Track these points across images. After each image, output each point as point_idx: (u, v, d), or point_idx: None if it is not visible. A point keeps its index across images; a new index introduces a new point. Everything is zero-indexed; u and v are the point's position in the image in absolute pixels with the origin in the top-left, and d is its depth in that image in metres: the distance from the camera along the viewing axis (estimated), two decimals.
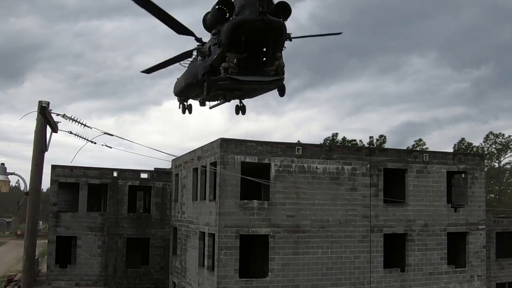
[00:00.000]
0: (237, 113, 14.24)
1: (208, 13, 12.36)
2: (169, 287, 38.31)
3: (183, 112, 15.83)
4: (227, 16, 11.75)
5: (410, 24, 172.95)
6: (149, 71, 15.19)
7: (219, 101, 14.33)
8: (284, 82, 12.39)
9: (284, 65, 12.14)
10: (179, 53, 13.98)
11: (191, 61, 14.21)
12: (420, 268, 30.86)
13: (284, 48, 12.10)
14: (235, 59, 11.86)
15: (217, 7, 11.75)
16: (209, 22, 12.29)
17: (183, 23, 12.24)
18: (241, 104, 14.20)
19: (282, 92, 12.54)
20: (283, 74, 12.15)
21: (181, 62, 14.43)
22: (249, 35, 11.75)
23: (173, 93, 15.83)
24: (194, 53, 13.57)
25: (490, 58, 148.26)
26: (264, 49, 12.47)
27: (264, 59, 12.49)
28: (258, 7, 11.11)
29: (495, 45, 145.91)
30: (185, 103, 15.73)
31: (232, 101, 14.16)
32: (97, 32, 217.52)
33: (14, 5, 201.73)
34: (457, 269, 32.04)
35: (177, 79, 15.50)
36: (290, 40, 12.03)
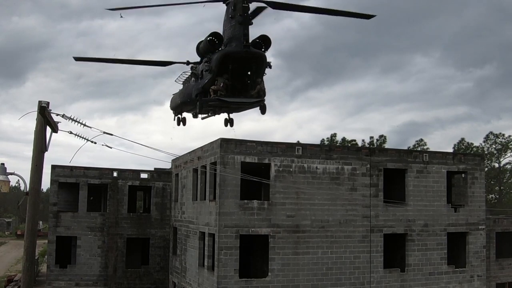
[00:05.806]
0: (225, 125, 16.25)
1: (201, 42, 14.78)
2: (169, 287, 38.31)
3: (178, 124, 18.09)
4: (216, 46, 14.17)
5: (414, 24, 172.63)
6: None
7: (209, 115, 16.36)
8: (265, 103, 14.56)
9: (264, 89, 14.36)
10: (176, 55, 16.15)
11: (185, 80, 16.70)
12: (420, 268, 30.85)
13: (265, 74, 14.37)
14: (222, 83, 14.09)
15: (208, 38, 14.19)
16: (202, 50, 14.79)
17: (166, 59, 15.17)
18: (229, 118, 16.17)
19: (263, 111, 14.68)
20: (264, 96, 14.40)
21: (177, 79, 17.17)
22: (235, 63, 14.08)
23: (169, 107, 18.19)
24: (189, 71, 16.02)
25: (493, 57, 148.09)
26: (248, 74, 14.58)
27: (249, 81, 14.61)
28: (243, 41, 13.52)
29: (499, 45, 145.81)
30: (180, 116, 18.04)
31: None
32: (100, 31, 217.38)
33: (16, 4, 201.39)
34: (457, 269, 32.03)
35: (173, 95, 17.94)
36: (270, 68, 14.31)
